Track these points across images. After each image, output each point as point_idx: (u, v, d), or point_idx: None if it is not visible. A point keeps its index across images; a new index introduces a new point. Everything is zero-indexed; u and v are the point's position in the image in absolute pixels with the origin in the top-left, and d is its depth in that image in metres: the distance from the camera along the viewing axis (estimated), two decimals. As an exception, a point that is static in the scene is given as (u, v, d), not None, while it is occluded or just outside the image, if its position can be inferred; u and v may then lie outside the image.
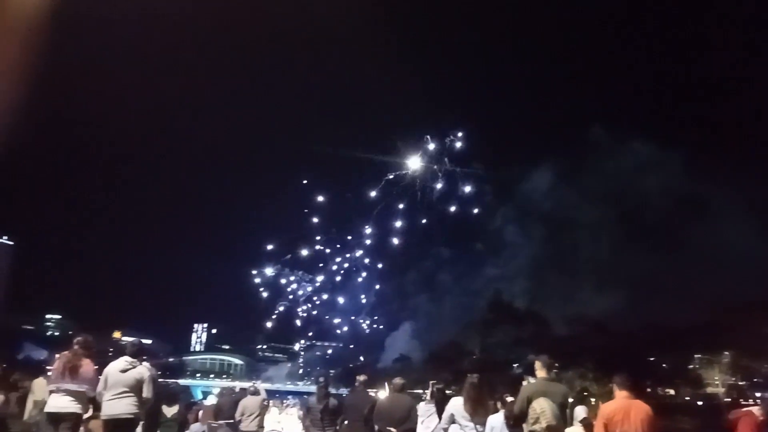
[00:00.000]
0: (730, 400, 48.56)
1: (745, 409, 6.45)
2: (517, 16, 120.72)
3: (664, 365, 55.66)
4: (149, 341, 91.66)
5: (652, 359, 55.39)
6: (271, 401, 13.63)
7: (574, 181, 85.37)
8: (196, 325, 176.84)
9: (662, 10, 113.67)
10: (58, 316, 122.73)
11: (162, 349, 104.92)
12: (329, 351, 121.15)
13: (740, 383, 52.43)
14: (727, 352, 50.34)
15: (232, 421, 11.09)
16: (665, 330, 52.39)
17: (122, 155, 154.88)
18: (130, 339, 8.33)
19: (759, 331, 42.71)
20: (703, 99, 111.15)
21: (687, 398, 56.85)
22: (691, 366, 54.82)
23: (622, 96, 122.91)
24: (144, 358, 7.89)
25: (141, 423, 8.08)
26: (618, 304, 64.92)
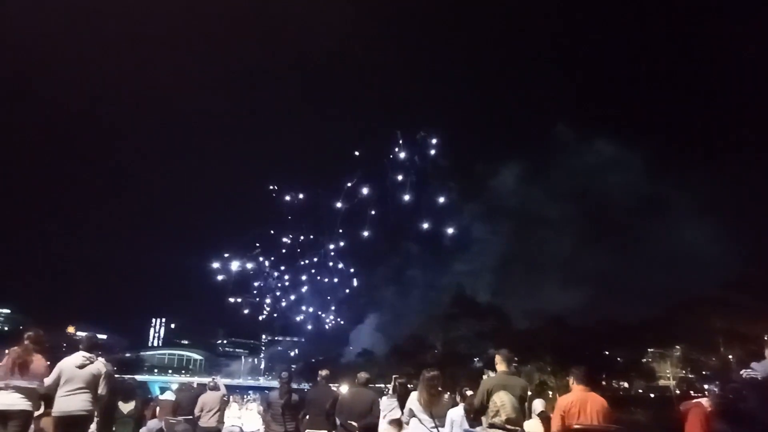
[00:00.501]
0: (680, 392, 50.46)
1: (695, 400, 6.65)
2: (486, 16, 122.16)
3: (618, 359, 57.31)
4: (104, 336, 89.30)
5: (607, 353, 56.99)
6: (231, 397, 13.42)
7: (536, 179, 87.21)
8: (153, 320, 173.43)
9: (632, 10, 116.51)
10: (7, 311, 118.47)
11: (118, 344, 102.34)
12: (293, 348, 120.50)
13: (690, 376, 54.47)
14: (678, 347, 52.23)
15: (191, 417, 10.89)
16: (620, 325, 53.97)
17: (77, 145, 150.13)
18: (85, 334, 8.05)
19: (708, 326, 44.38)
20: (664, 100, 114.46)
21: (640, 390, 58.80)
22: (645, 360, 56.63)
23: (584, 95, 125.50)
24: (99, 353, 7.66)
25: (96, 420, 7.88)
26: (575, 299, 66.55)
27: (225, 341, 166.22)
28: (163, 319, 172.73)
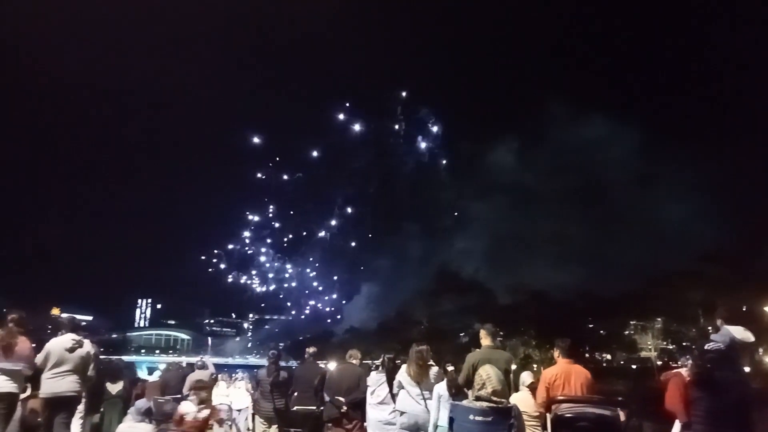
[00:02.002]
0: (661, 363, 51.66)
1: (674, 371, 6.87)
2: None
3: (601, 332, 58.38)
4: (90, 317, 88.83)
5: (590, 326, 58.00)
6: (219, 375, 13.49)
7: (520, 156, 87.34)
8: (140, 301, 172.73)
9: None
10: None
11: (104, 325, 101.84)
12: (281, 326, 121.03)
13: (671, 347, 55.70)
14: (658, 319, 53.24)
15: (179, 396, 10.93)
16: (602, 299, 54.82)
17: (61, 123, 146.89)
18: (66, 316, 8.01)
19: (687, 298, 45.28)
20: (654, 76, 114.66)
21: (622, 362, 60.09)
22: (626, 332, 57.63)
23: (570, 72, 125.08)
24: (85, 335, 7.63)
25: (84, 401, 7.88)
26: (558, 274, 67.38)
27: (212, 321, 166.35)
28: (149, 300, 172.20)
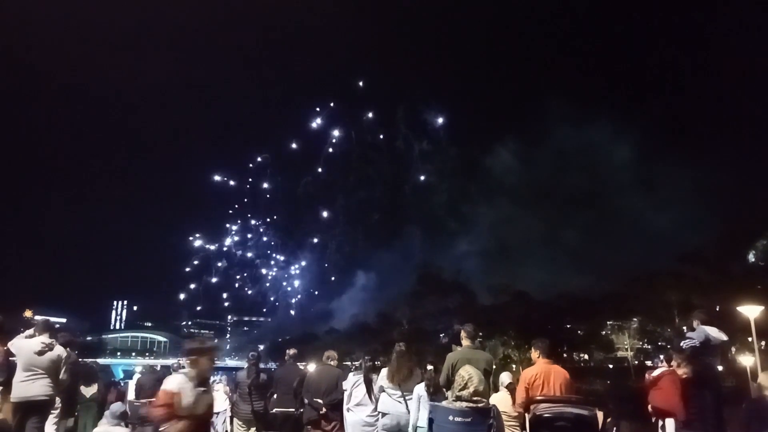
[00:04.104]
0: (637, 362, 52.42)
1: (667, 369, 6.91)
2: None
3: (579, 332, 58.92)
4: (64, 319, 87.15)
5: (568, 326, 58.55)
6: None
7: (504, 159, 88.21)
8: (115, 302, 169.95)
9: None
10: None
11: (78, 327, 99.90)
12: (259, 328, 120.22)
13: (647, 347, 56.51)
14: (635, 319, 53.98)
15: (153, 399, 10.77)
16: (580, 299, 55.37)
17: (36, 124, 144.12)
18: (41, 318, 7.82)
19: (663, 299, 45.97)
20: (638, 81, 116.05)
21: (600, 361, 60.84)
22: (603, 332, 58.28)
23: (563, 74, 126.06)
24: (64, 335, 7.47)
25: (58, 405, 7.71)
26: (539, 274, 68.05)
27: (189, 322, 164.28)
28: (125, 301, 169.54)
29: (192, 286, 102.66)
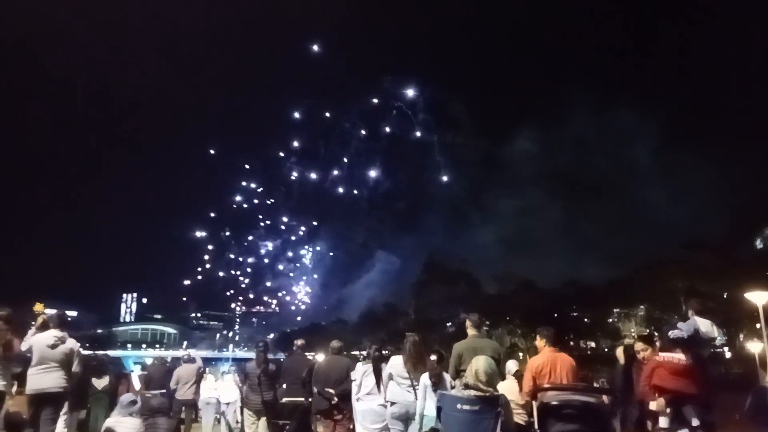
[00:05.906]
0: (644, 349, 52.19)
1: (665, 354, 6.87)
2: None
3: (585, 319, 58.98)
4: (74, 313, 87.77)
5: (574, 314, 58.58)
6: (207, 369, 13.45)
7: (510, 145, 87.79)
8: (125, 295, 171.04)
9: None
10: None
11: (88, 321, 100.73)
12: (267, 318, 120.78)
13: (654, 334, 56.40)
14: (641, 306, 53.94)
15: (164, 390, 10.90)
16: (586, 287, 55.37)
17: (44, 110, 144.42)
18: (54, 311, 7.92)
19: (670, 286, 45.90)
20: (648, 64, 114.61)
21: (606, 349, 60.82)
22: (610, 320, 58.32)
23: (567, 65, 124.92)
24: (69, 331, 7.55)
25: (70, 397, 7.81)
26: (544, 262, 67.96)
27: (199, 314, 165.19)
28: (135, 294, 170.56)
29: (200, 277, 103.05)
